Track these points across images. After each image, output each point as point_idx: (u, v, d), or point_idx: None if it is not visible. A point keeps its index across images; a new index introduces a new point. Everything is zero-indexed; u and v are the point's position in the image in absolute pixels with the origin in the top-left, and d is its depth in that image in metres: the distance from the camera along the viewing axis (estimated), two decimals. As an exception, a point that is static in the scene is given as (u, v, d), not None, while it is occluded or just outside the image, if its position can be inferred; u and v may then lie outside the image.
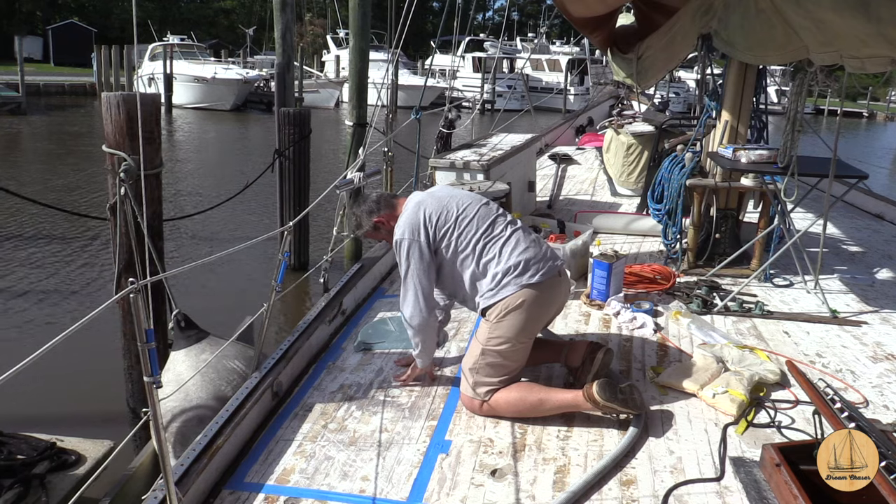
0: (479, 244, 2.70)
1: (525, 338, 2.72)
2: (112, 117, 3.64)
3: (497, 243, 2.71)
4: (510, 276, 2.65)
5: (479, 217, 2.75)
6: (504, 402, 2.67)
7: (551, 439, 2.57)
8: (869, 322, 3.85)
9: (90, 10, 45.25)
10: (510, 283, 2.65)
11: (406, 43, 9.96)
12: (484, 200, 2.87)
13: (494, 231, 2.74)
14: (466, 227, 2.72)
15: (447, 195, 2.84)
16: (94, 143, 15.65)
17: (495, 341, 2.66)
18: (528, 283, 2.65)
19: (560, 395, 2.68)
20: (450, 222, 2.72)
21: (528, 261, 2.68)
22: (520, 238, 2.75)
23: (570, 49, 36.54)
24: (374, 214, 2.89)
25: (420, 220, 2.72)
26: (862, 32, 2.98)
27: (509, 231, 2.76)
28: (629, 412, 2.60)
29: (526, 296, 2.64)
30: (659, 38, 4.62)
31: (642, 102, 10.05)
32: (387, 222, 2.88)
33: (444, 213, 2.74)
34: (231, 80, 27.16)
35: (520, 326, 2.65)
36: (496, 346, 2.66)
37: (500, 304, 2.65)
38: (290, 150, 7.13)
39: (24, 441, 2.86)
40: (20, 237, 8.60)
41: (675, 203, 4.54)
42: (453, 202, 2.78)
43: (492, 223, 2.75)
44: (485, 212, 2.79)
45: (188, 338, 3.36)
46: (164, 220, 4.13)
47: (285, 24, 7.70)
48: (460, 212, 2.75)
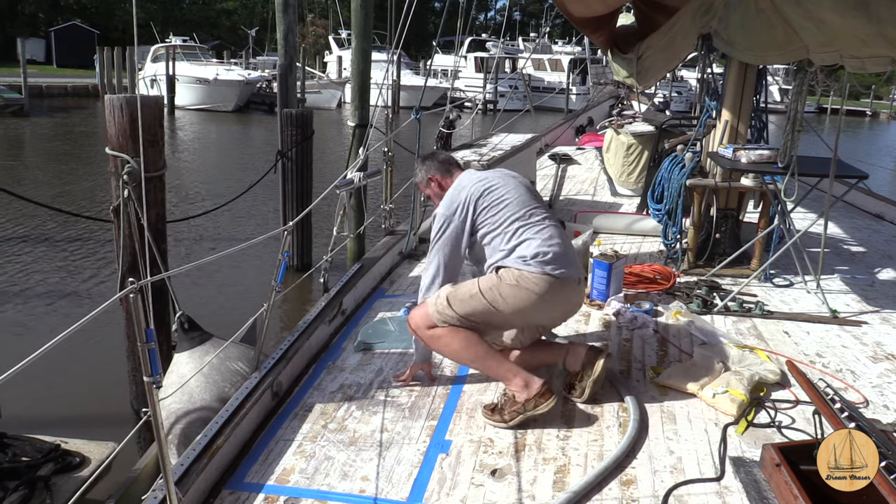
0: (515, 225, 2.75)
1: (517, 319, 2.77)
2: (115, 120, 3.65)
3: (532, 229, 2.75)
4: (537, 259, 2.67)
5: (520, 202, 2.81)
6: (449, 337, 2.70)
7: (551, 439, 2.57)
8: (869, 322, 3.85)
9: (93, 12, 45.33)
10: (534, 265, 2.66)
11: (408, 43, 9.96)
12: (531, 190, 2.95)
13: (532, 219, 2.78)
14: (505, 209, 2.78)
15: (497, 177, 2.90)
16: (98, 145, 15.70)
17: (491, 295, 2.67)
18: (551, 274, 2.66)
19: (505, 364, 2.71)
20: (492, 204, 2.79)
21: (557, 255, 2.71)
22: (553, 234, 2.78)
23: (573, 49, 36.53)
24: (432, 171, 3.05)
25: (462, 200, 2.80)
26: (862, 32, 2.98)
27: (547, 223, 2.81)
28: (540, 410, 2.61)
29: (544, 283, 2.65)
30: (659, 38, 4.63)
31: (642, 102, 10.05)
32: (437, 184, 3.04)
33: (487, 195, 2.80)
34: (233, 81, 27.21)
35: (521, 306, 2.67)
36: (488, 299, 2.67)
37: (518, 274, 2.67)
38: (293, 150, 7.15)
39: (29, 443, 2.87)
40: (23, 239, 8.62)
41: (675, 203, 4.54)
42: (500, 185, 2.85)
43: (531, 211, 2.81)
44: (528, 199, 2.85)
45: (191, 340, 3.36)
46: (167, 222, 4.15)
47: (287, 24, 7.72)
48: (503, 195, 2.81)
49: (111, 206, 3.78)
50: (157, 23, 34.13)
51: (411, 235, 4.97)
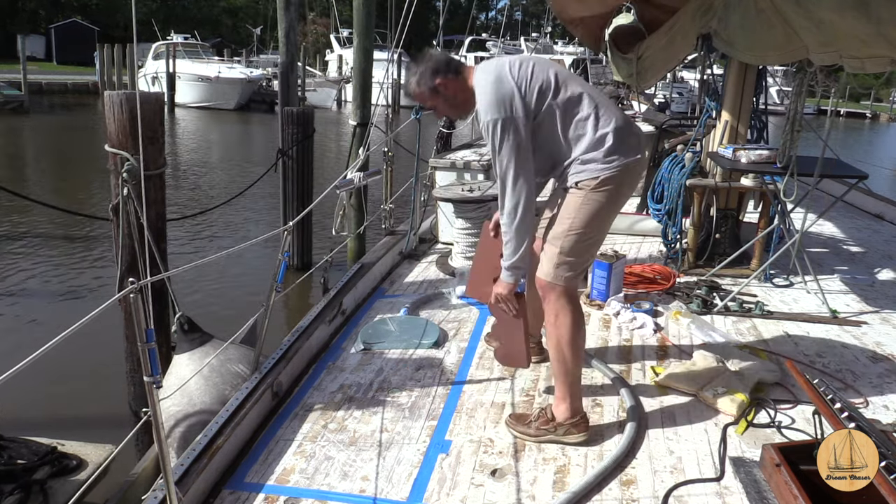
0: (585, 111, 2.38)
1: (608, 221, 2.55)
2: (115, 117, 3.62)
3: (604, 105, 2.42)
4: (617, 142, 2.37)
5: (578, 81, 2.46)
6: (572, 309, 2.49)
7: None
8: (869, 322, 3.85)
9: (93, 9, 45.29)
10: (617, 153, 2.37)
11: (409, 43, 10.00)
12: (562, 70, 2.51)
13: (598, 96, 2.45)
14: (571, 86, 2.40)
15: (532, 60, 2.45)
16: (97, 143, 15.68)
17: (583, 218, 2.42)
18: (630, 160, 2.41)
19: (579, 381, 2.59)
20: (550, 83, 2.37)
21: (630, 126, 2.44)
22: (611, 106, 2.45)
23: (575, 49, 36.46)
24: (439, 75, 2.45)
25: (512, 90, 2.32)
26: (862, 33, 2.98)
27: (605, 98, 2.50)
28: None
29: (630, 172, 2.43)
30: (659, 38, 4.61)
31: (642, 103, 10.04)
32: (451, 88, 2.47)
33: (537, 74, 2.38)
34: (235, 79, 27.20)
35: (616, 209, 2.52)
36: (582, 226, 2.44)
37: (600, 176, 2.40)
38: (294, 149, 7.14)
39: (25, 445, 2.83)
40: (21, 238, 8.61)
41: (675, 203, 4.54)
42: (542, 67, 2.42)
43: (591, 90, 2.46)
44: (580, 80, 2.50)
45: (191, 341, 3.33)
46: (167, 221, 4.13)
47: (289, 23, 7.72)
48: (557, 74, 2.41)
49: (110, 205, 3.75)
50: (158, 20, 34.10)
51: (411, 235, 4.97)
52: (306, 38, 37.81)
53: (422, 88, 2.49)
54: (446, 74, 2.45)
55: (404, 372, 3.11)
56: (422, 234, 5.30)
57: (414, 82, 2.51)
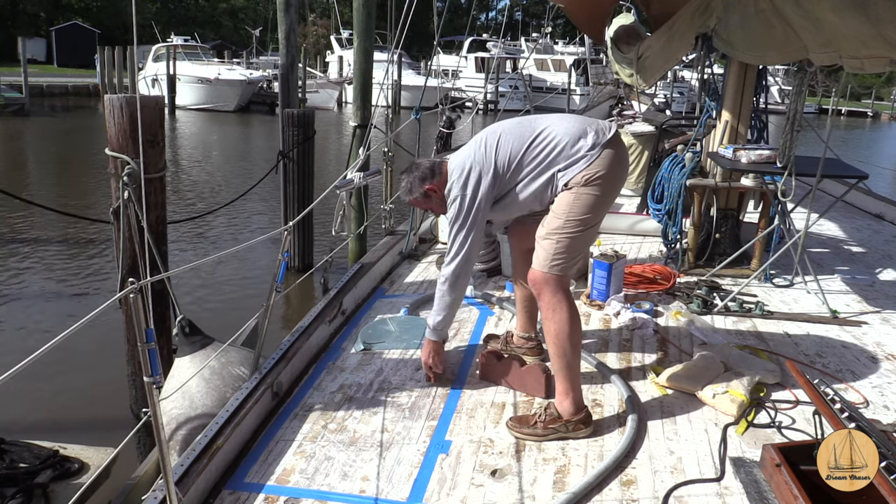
0: (546, 136, 2.58)
1: (604, 211, 2.62)
2: (115, 120, 3.62)
3: (558, 126, 2.59)
4: (584, 140, 2.54)
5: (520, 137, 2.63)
6: (568, 303, 2.58)
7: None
8: (869, 322, 3.85)
9: (94, 11, 45.34)
10: (593, 147, 2.52)
11: (410, 43, 9.97)
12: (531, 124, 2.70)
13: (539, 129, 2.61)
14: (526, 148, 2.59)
15: (492, 134, 2.68)
16: (98, 145, 15.70)
17: (578, 211, 2.53)
18: (607, 141, 2.54)
19: (579, 374, 2.64)
20: (511, 154, 2.60)
21: (591, 124, 2.59)
22: (563, 116, 2.65)
23: (576, 49, 36.51)
24: (427, 181, 2.77)
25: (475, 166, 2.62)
26: (861, 33, 2.98)
27: (552, 118, 2.66)
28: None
29: (609, 156, 2.53)
30: (658, 37, 4.62)
31: (642, 102, 10.04)
32: (439, 191, 2.76)
33: (496, 152, 2.62)
34: (235, 80, 27.23)
35: (607, 191, 2.56)
36: (579, 217, 2.53)
37: (584, 172, 2.53)
38: (294, 151, 7.14)
39: (27, 449, 2.83)
40: (22, 241, 8.62)
41: (675, 203, 4.54)
42: (501, 140, 2.64)
43: (532, 128, 2.63)
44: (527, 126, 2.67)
45: (193, 344, 3.32)
46: (167, 223, 4.13)
47: (289, 24, 7.71)
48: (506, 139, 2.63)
49: (111, 208, 3.76)
50: (159, 23, 34.15)
51: (411, 235, 4.97)
52: (307, 39, 37.85)
53: (414, 195, 2.82)
54: (432, 179, 2.76)
55: (404, 372, 3.11)
56: (422, 234, 5.30)
57: (406, 192, 2.84)
